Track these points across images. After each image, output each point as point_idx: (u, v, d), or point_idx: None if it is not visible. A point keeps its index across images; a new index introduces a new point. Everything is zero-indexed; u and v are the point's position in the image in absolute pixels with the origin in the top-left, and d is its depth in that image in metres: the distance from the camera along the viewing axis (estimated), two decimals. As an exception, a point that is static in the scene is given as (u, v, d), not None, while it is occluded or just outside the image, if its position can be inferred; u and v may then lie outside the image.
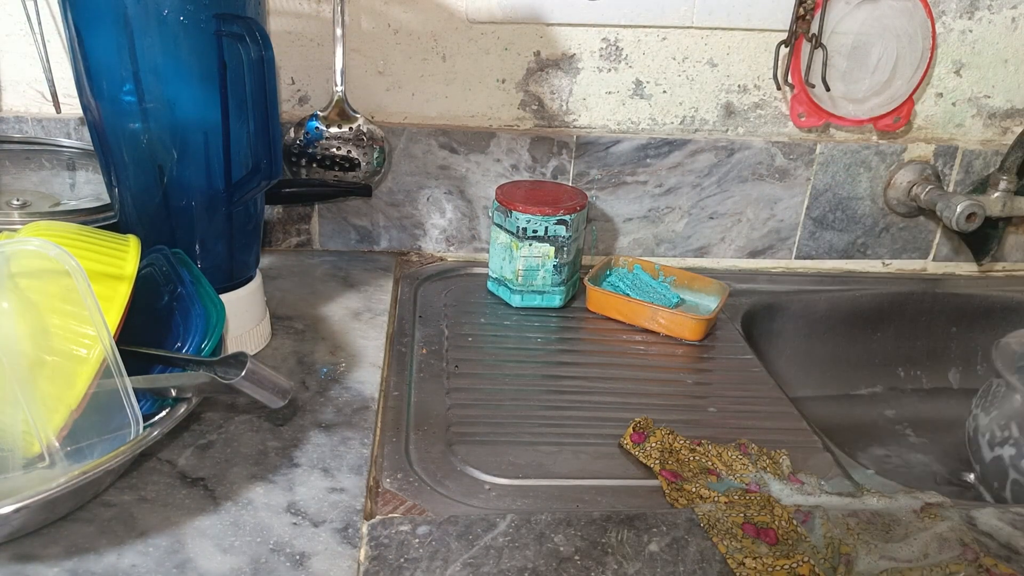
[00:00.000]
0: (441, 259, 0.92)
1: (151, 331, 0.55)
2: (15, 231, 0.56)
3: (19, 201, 0.67)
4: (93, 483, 0.46)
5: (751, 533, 0.51)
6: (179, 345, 0.54)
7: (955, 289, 0.95)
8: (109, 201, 0.65)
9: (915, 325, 0.95)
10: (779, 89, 0.89)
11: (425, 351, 0.73)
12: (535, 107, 0.88)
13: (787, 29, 0.85)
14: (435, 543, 0.49)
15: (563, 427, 0.64)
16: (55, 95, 0.80)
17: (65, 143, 0.81)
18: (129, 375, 0.48)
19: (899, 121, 0.90)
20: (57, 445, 0.47)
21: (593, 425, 0.64)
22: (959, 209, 0.85)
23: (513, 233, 0.79)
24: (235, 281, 0.66)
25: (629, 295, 0.82)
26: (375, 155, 0.84)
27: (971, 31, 0.89)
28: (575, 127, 0.89)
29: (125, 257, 0.53)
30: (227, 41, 0.56)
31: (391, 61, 0.84)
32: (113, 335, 0.48)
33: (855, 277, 0.96)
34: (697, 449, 0.60)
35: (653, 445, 0.60)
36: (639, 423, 0.62)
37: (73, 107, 0.82)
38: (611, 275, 0.87)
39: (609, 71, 0.87)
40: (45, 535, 0.47)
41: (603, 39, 0.85)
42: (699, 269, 0.92)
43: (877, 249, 0.97)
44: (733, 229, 0.94)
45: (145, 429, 0.49)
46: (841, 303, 0.92)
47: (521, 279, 0.81)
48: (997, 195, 0.89)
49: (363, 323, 0.75)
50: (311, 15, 0.82)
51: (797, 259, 0.97)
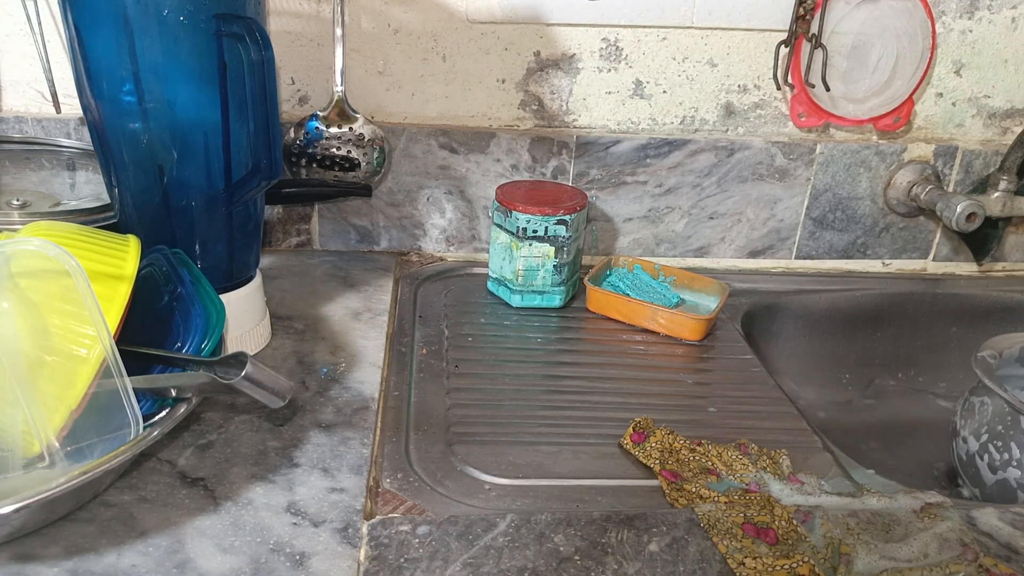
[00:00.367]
0: (441, 259, 0.92)
1: (151, 331, 0.55)
2: (15, 231, 0.56)
3: (19, 201, 0.67)
4: (93, 483, 0.46)
5: (751, 533, 0.51)
6: (179, 345, 0.54)
7: (955, 289, 0.95)
8: (109, 201, 0.65)
9: (915, 325, 0.95)
10: (779, 89, 0.89)
11: (425, 351, 0.73)
12: (535, 107, 0.88)
13: (787, 29, 0.85)
14: (435, 543, 0.49)
15: (563, 427, 0.64)
16: (55, 95, 0.80)
17: (65, 143, 0.81)
18: (129, 375, 0.48)
19: (899, 121, 0.90)
20: (57, 445, 0.47)
21: (593, 425, 0.64)
22: (959, 209, 0.85)
23: (513, 233, 0.79)
24: (235, 281, 0.66)
25: (629, 295, 0.82)
26: (375, 155, 0.84)
27: (971, 31, 0.89)
28: (575, 127, 0.89)
29: (125, 257, 0.53)
30: (227, 41, 0.56)
31: (391, 61, 0.84)
32: (113, 335, 0.48)
33: (855, 277, 0.96)
34: (697, 449, 0.60)
35: (653, 445, 0.60)
36: (639, 423, 0.62)
37: (73, 107, 0.82)
38: (611, 275, 0.87)
39: (609, 71, 0.87)
40: (45, 535, 0.47)
41: (603, 39, 0.85)
42: (699, 269, 0.92)
43: (877, 249, 0.97)
44: (733, 229, 0.94)
45: (145, 429, 0.49)
46: (841, 303, 0.92)
47: (521, 279, 0.81)
48: (997, 195, 0.89)
49: (363, 323, 0.75)
50: (311, 15, 0.82)
51: (797, 259, 0.97)
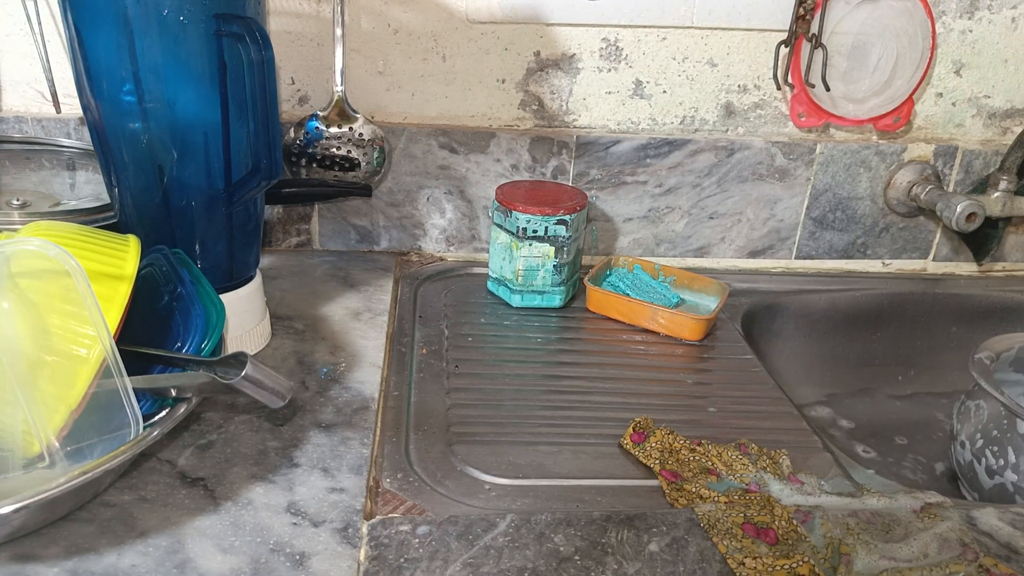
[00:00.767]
0: (441, 259, 0.92)
1: (151, 331, 0.55)
2: (15, 231, 0.56)
3: (19, 201, 0.67)
4: (93, 483, 0.46)
5: (751, 533, 0.51)
6: (179, 345, 0.53)
7: (955, 289, 0.95)
8: (109, 201, 0.65)
9: (915, 325, 0.95)
10: (779, 89, 0.89)
11: (425, 351, 0.73)
12: (535, 107, 0.88)
13: (787, 29, 0.85)
14: (435, 543, 0.49)
15: (563, 427, 0.64)
16: (55, 95, 0.80)
17: (65, 143, 0.81)
18: (129, 375, 0.48)
19: (899, 121, 0.90)
20: (57, 445, 0.47)
21: (593, 425, 0.64)
22: (959, 209, 0.85)
23: (513, 233, 0.79)
24: (235, 281, 0.66)
25: (629, 295, 0.82)
26: (375, 155, 0.84)
27: (971, 31, 0.89)
28: (575, 127, 0.89)
29: (125, 257, 0.53)
30: (227, 41, 0.56)
31: (391, 61, 0.84)
32: (113, 335, 0.48)
33: (855, 277, 0.96)
34: (697, 449, 0.60)
35: (653, 445, 0.60)
36: (639, 423, 0.62)
37: (73, 107, 0.82)
38: (611, 275, 0.87)
39: (609, 71, 0.87)
40: (45, 535, 0.47)
41: (603, 39, 0.85)
42: (699, 269, 0.92)
43: (877, 249, 0.97)
44: (733, 229, 0.94)
45: (145, 429, 0.49)
46: (841, 303, 0.92)
47: (521, 279, 0.81)
48: (997, 195, 0.89)
49: (363, 323, 0.75)
50: (311, 15, 0.82)
51: (797, 259, 0.97)
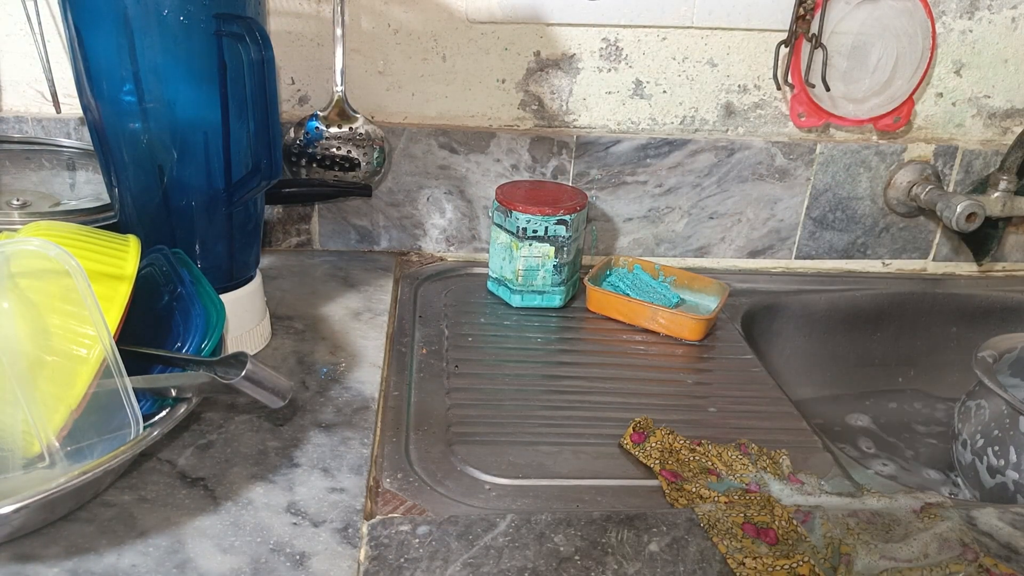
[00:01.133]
0: (441, 259, 0.92)
1: (151, 331, 0.55)
2: (15, 231, 0.56)
3: (19, 201, 0.67)
4: (93, 483, 0.46)
5: (751, 533, 0.51)
6: (179, 345, 0.53)
7: (955, 289, 0.95)
8: (109, 201, 0.65)
9: (915, 325, 0.95)
10: (779, 89, 0.89)
11: (425, 351, 0.73)
12: (535, 107, 0.88)
13: (787, 29, 0.85)
14: (435, 543, 0.49)
15: (563, 427, 0.64)
16: (55, 95, 0.80)
17: (65, 143, 0.81)
18: (129, 375, 0.48)
19: (899, 121, 0.90)
20: (57, 445, 0.47)
21: (593, 425, 0.64)
22: (959, 209, 0.85)
23: (513, 233, 0.79)
24: (235, 281, 0.66)
25: (629, 295, 0.82)
26: (375, 155, 0.84)
27: (971, 31, 0.89)
28: (575, 127, 0.89)
29: (125, 257, 0.53)
30: (227, 41, 0.56)
31: (391, 61, 0.84)
32: (113, 335, 0.48)
33: (855, 277, 0.96)
34: (697, 449, 0.60)
35: (653, 445, 0.60)
36: (639, 423, 0.62)
37: (73, 107, 0.82)
38: (611, 275, 0.87)
39: (609, 71, 0.87)
40: (45, 535, 0.47)
41: (603, 39, 0.85)
42: (699, 269, 0.92)
43: (877, 249, 0.97)
44: (733, 229, 0.94)
45: (145, 429, 0.49)
46: (841, 303, 0.92)
47: (521, 279, 0.81)
48: (997, 195, 0.89)
49: (363, 323, 0.75)
50: (311, 15, 0.82)
51: (797, 259, 0.97)
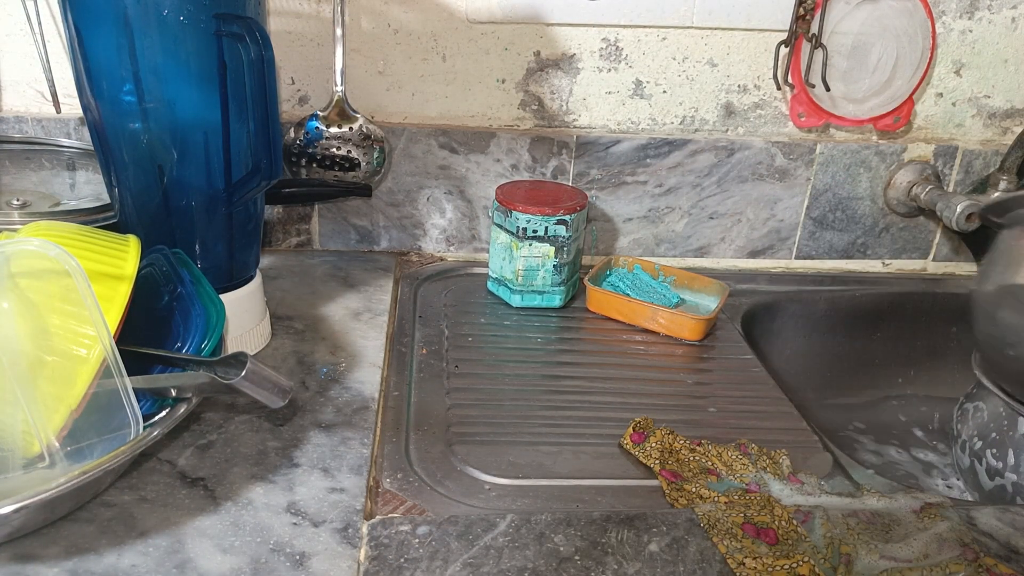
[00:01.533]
0: (441, 259, 0.92)
1: (151, 331, 0.55)
2: (15, 231, 0.56)
3: (19, 201, 0.67)
4: (93, 483, 0.46)
5: (751, 533, 0.51)
6: (179, 345, 0.53)
7: (955, 289, 0.95)
8: (109, 201, 0.65)
9: (915, 325, 0.94)
10: (779, 89, 0.89)
11: (425, 351, 0.73)
12: (535, 107, 0.88)
13: (787, 29, 0.85)
14: (435, 543, 0.49)
15: (563, 427, 0.64)
16: (55, 95, 0.80)
17: (65, 143, 0.81)
18: (129, 375, 0.48)
19: (899, 121, 0.90)
20: (57, 445, 0.47)
21: (593, 425, 0.64)
22: (959, 209, 0.85)
23: (513, 233, 0.79)
24: (235, 281, 0.66)
25: (629, 295, 0.82)
26: (375, 155, 0.84)
27: (971, 31, 0.89)
28: (575, 127, 0.89)
29: (125, 257, 0.53)
30: (227, 41, 0.56)
31: (391, 61, 0.84)
32: (113, 335, 0.48)
33: (855, 277, 0.96)
34: (697, 449, 0.60)
35: (653, 445, 0.60)
36: (639, 423, 0.62)
37: (73, 107, 0.81)
38: (611, 275, 0.87)
39: (609, 71, 0.87)
40: (45, 535, 0.47)
41: (603, 39, 0.85)
42: (699, 269, 0.92)
43: (877, 249, 0.97)
44: (733, 229, 0.94)
45: (145, 429, 0.49)
46: (841, 303, 0.92)
47: (521, 279, 0.81)
48: (997, 195, 0.89)
49: (363, 323, 0.75)
50: (311, 15, 0.82)
51: (797, 259, 0.97)
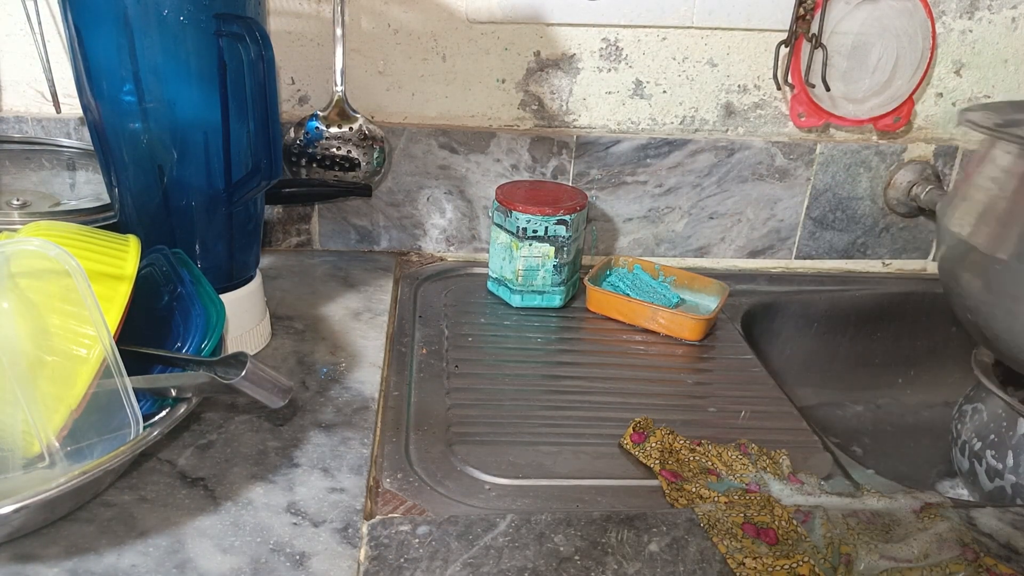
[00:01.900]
0: (441, 259, 0.92)
1: (151, 331, 0.55)
2: (15, 231, 0.56)
3: (19, 201, 0.67)
4: (93, 483, 0.46)
5: (751, 533, 0.51)
6: (179, 345, 0.53)
7: (955, 289, 0.95)
8: (109, 201, 0.65)
9: (915, 325, 0.94)
10: (779, 89, 0.89)
11: (425, 351, 0.73)
12: (535, 107, 0.88)
13: (787, 29, 0.85)
14: (435, 543, 0.49)
15: (563, 427, 0.64)
16: (55, 95, 0.80)
17: (65, 143, 0.81)
18: (129, 375, 0.48)
19: (899, 121, 0.90)
20: (57, 445, 0.47)
21: (593, 425, 0.64)
22: (959, 209, 0.85)
23: (513, 233, 0.79)
24: (235, 281, 0.66)
25: (629, 295, 0.82)
26: (375, 155, 0.84)
27: (971, 31, 0.89)
28: (575, 127, 0.89)
29: (125, 257, 0.53)
30: (227, 41, 0.56)
31: (391, 61, 0.84)
32: (113, 335, 0.48)
33: (855, 277, 0.96)
34: (697, 449, 0.60)
35: (653, 445, 0.60)
36: (639, 423, 0.62)
37: (73, 107, 0.81)
38: (611, 275, 0.87)
39: (609, 71, 0.87)
40: (45, 535, 0.47)
41: (603, 39, 0.85)
42: (699, 269, 0.92)
43: (877, 249, 0.97)
44: (733, 229, 0.94)
45: (145, 429, 0.49)
46: (841, 303, 0.92)
47: (521, 279, 0.81)
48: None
49: (363, 323, 0.75)
50: (311, 15, 0.82)
51: (797, 259, 0.97)
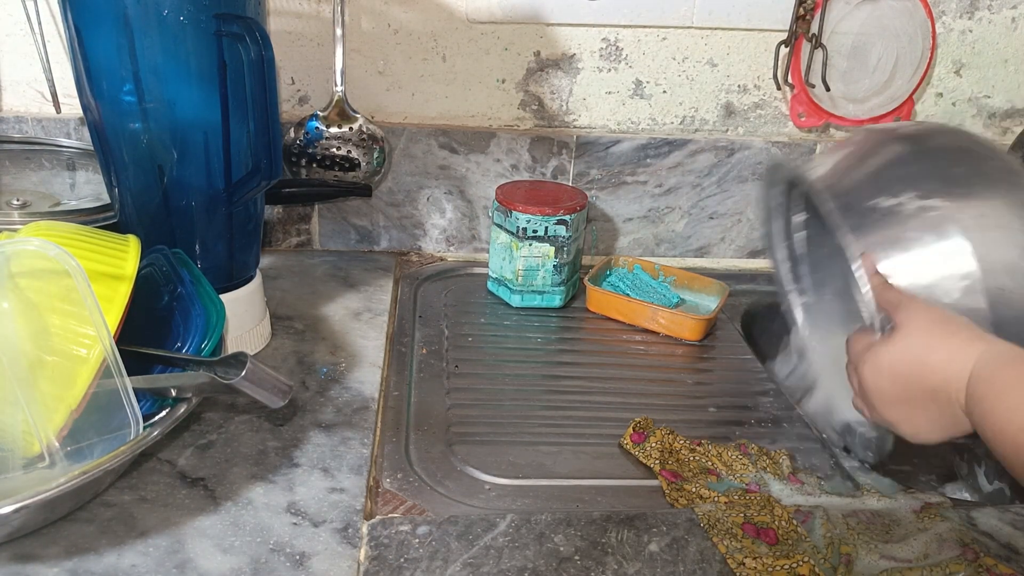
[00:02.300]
0: (441, 259, 0.92)
1: (151, 331, 0.55)
2: (15, 231, 0.56)
3: (19, 201, 0.67)
4: (93, 483, 0.46)
5: (751, 533, 0.51)
6: (179, 345, 0.54)
7: (955, 289, 0.95)
8: (109, 201, 0.65)
9: (915, 325, 0.94)
10: (779, 89, 0.89)
11: (425, 351, 0.73)
12: (535, 107, 0.88)
13: (787, 29, 0.85)
14: (435, 543, 0.49)
15: (563, 427, 0.64)
16: (55, 95, 0.80)
17: (65, 143, 0.81)
18: (129, 375, 0.48)
19: (899, 121, 0.90)
20: (57, 445, 0.47)
21: (593, 425, 0.64)
22: (959, 209, 0.85)
23: (513, 233, 0.79)
24: (235, 281, 0.66)
25: (629, 295, 0.82)
26: (375, 155, 0.84)
27: (971, 31, 0.89)
28: (575, 127, 0.89)
29: (125, 257, 0.53)
30: (227, 41, 0.56)
31: (391, 61, 0.84)
32: (113, 335, 0.48)
33: (855, 277, 0.96)
34: (697, 449, 0.60)
35: (653, 445, 0.60)
36: (639, 423, 0.62)
37: (73, 107, 0.81)
38: (611, 275, 0.87)
39: (609, 71, 0.87)
40: (45, 535, 0.47)
41: (603, 39, 0.85)
42: (699, 269, 0.92)
43: (877, 249, 0.97)
44: (733, 229, 0.94)
45: (145, 429, 0.49)
46: (841, 303, 0.92)
47: (521, 279, 0.81)
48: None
49: (363, 323, 0.75)
50: (311, 15, 0.82)
51: (797, 259, 0.96)
